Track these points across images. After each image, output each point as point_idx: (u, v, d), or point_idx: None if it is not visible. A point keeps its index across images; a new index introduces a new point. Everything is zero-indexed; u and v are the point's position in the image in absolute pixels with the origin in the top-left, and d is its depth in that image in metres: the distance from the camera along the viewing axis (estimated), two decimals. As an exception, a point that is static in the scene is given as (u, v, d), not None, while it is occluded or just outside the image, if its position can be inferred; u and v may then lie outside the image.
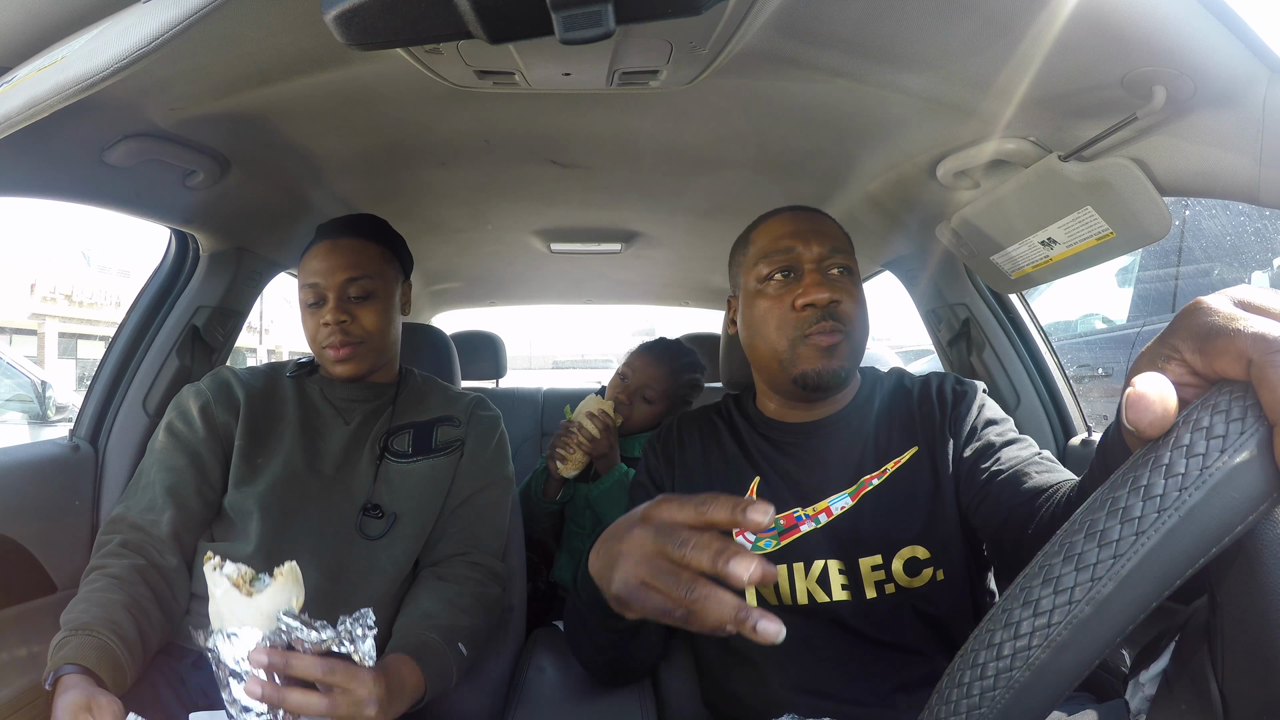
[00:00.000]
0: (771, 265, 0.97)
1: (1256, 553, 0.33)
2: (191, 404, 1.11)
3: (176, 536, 1.02)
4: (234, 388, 1.14)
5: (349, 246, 1.15)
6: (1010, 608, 0.34)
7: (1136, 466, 0.33)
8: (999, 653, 0.34)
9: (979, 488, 0.89)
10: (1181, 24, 0.64)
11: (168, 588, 0.98)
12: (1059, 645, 0.32)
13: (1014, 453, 0.90)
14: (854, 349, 0.95)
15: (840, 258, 0.97)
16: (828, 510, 0.94)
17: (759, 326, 0.98)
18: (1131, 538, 0.31)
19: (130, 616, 0.89)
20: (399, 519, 1.08)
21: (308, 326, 1.15)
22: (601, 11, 0.48)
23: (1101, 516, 0.32)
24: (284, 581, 0.74)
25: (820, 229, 0.99)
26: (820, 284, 0.93)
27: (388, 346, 1.19)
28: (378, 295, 1.15)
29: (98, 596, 0.90)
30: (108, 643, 0.84)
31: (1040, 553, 0.34)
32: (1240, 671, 0.36)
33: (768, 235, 1.01)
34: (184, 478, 1.05)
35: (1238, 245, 3.12)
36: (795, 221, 1.00)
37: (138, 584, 0.94)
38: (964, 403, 0.98)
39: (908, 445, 0.96)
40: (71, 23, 0.64)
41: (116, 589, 0.92)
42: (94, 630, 0.85)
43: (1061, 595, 0.32)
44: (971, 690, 0.34)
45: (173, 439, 1.08)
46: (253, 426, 1.10)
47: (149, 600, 0.94)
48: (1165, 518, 0.31)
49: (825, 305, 0.93)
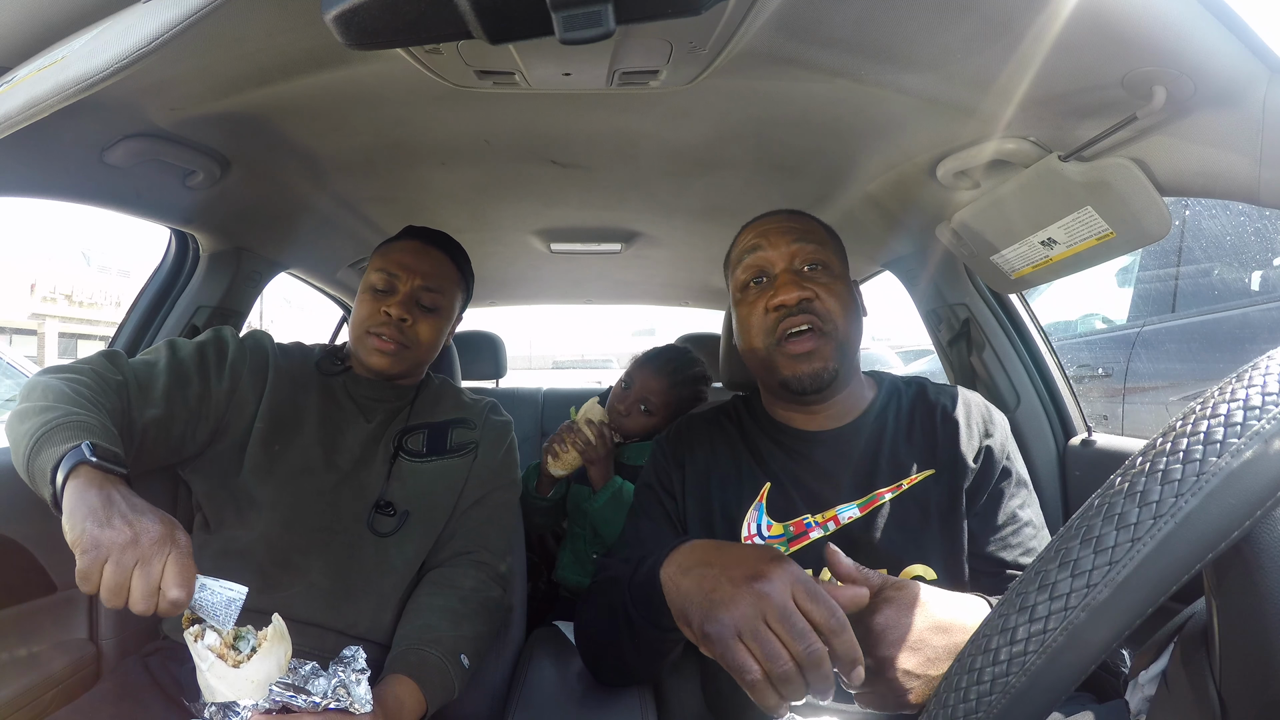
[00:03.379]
0: (747, 272, 0.99)
1: (1254, 556, 0.33)
2: (229, 350, 1.09)
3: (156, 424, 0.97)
4: (268, 362, 1.12)
5: (437, 257, 1.19)
6: (1007, 614, 0.34)
7: (1128, 469, 0.33)
8: (995, 658, 0.34)
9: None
10: (1181, 24, 0.64)
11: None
12: (1055, 651, 0.32)
13: (1010, 512, 0.92)
14: (837, 347, 0.94)
15: (813, 254, 0.96)
16: (835, 519, 0.94)
17: (743, 333, 0.99)
18: (1127, 544, 0.31)
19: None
20: (410, 517, 1.08)
21: (363, 309, 1.14)
22: (601, 11, 0.48)
23: (1098, 523, 0.32)
24: (269, 645, 0.72)
25: (791, 228, 0.99)
26: (790, 284, 0.93)
27: (426, 361, 1.22)
28: (441, 312, 1.19)
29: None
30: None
31: (1036, 558, 0.34)
32: (1238, 673, 0.36)
33: (742, 243, 1.02)
34: (184, 404, 1.01)
35: (1238, 245, 3.12)
36: (766, 225, 1.01)
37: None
38: (994, 437, 0.96)
39: (926, 465, 0.95)
40: (71, 23, 0.65)
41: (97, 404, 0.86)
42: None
43: (1057, 601, 0.32)
44: (969, 695, 0.34)
45: (200, 361, 1.05)
46: (275, 411, 1.09)
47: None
48: (1161, 524, 0.31)
49: (796, 304, 0.93)
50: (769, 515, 0.96)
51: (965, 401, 1.00)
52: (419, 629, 0.97)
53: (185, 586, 0.69)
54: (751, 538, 0.95)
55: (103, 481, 0.72)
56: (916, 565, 0.90)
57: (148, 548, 0.68)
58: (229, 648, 0.71)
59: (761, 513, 0.96)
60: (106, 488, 0.71)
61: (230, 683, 0.70)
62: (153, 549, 0.68)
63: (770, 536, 0.95)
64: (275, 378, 1.11)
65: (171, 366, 1.01)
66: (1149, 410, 3.13)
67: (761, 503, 0.97)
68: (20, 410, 0.82)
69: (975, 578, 0.90)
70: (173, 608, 0.68)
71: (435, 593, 1.03)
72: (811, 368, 0.93)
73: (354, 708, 0.75)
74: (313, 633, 0.97)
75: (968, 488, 0.92)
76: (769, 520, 0.95)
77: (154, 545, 0.68)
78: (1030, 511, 0.94)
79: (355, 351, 1.16)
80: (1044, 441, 1.52)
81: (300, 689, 0.72)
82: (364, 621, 1.01)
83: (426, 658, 0.92)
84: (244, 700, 0.70)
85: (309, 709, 0.72)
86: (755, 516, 0.96)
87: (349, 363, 1.19)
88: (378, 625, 1.01)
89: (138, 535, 0.68)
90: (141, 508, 0.71)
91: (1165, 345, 3.19)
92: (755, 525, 0.96)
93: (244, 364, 1.09)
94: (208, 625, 0.71)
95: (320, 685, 0.74)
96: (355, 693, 0.75)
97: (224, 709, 0.71)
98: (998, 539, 0.91)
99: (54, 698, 1.00)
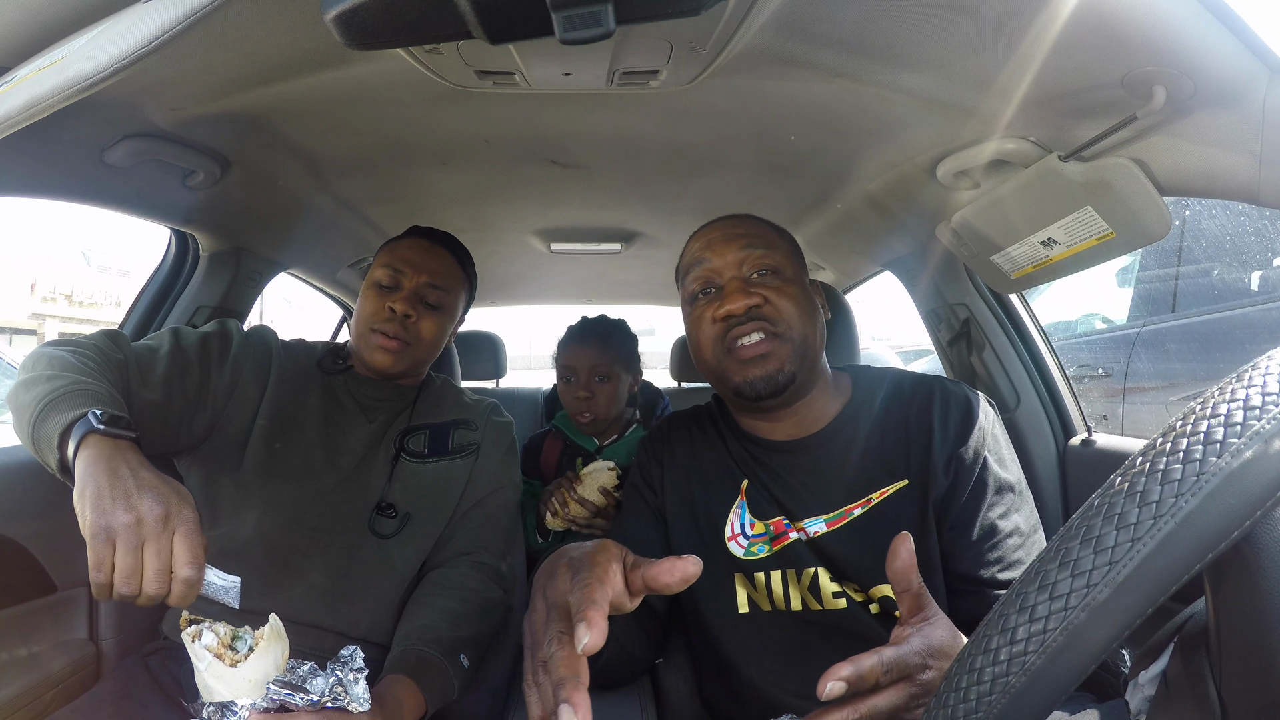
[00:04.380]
0: (695, 283, 0.96)
1: (1254, 556, 0.33)
2: (232, 343, 1.08)
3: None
4: (271, 359, 1.12)
5: (443, 256, 1.19)
6: (1007, 614, 0.34)
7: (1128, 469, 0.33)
8: (995, 658, 0.34)
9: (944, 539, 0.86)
10: (1181, 24, 0.64)
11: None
12: (1055, 651, 0.32)
13: (988, 525, 0.85)
14: (794, 350, 0.90)
15: (760, 259, 0.93)
16: (803, 530, 0.91)
17: (694, 345, 0.97)
18: (1128, 544, 0.31)
19: None
20: (411, 518, 1.08)
21: (367, 305, 1.14)
22: (601, 11, 0.48)
23: (1098, 523, 0.32)
24: (266, 645, 0.72)
25: (736, 234, 0.95)
26: (737, 292, 0.90)
27: (428, 359, 1.22)
28: (445, 310, 1.19)
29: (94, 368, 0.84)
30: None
31: (1037, 558, 0.34)
32: (1238, 673, 0.36)
33: (689, 253, 0.99)
34: (182, 392, 1.00)
35: (1238, 245, 3.12)
36: (711, 234, 0.97)
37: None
38: (968, 442, 0.87)
39: (899, 475, 0.89)
40: (71, 23, 0.65)
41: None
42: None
43: (1057, 601, 0.32)
44: (969, 695, 0.34)
45: (203, 351, 1.04)
46: (278, 408, 1.08)
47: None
48: (1161, 524, 0.31)
49: (744, 312, 0.90)
50: (751, 514, 0.95)
51: (944, 400, 0.91)
52: (418, 629, 0.97)
53: (196, 563, 0.68)
54: (735, 537, 0.95)
55: (111, 452, 0.71)
56: (886, 586, 0.84)
57: (152, 526, 0.67)
58: (226, 647, 0.71)
59: (744, 511, 0.95)
60: (115, 460, 0.70)
61: (228, 682, 0.70)
62: (158, 526, 0.67)
63: (753, 535, 0.94)
64: (278, 375, 1.10)
65: (173, 353, 1.01)
66: (1149, 410, 3.13)
67: (743, 500, 0.96)
68: (25, 380, 0.81)
69: (953, 597, 0.85)
70: (187, 587, 0.67)
71: (435, 593, 1.03)
72: (764, 370, 0.89)
73: (352, 706, 0.75)
74: (312, 634, 0.97)
75: (938, 500, 0.86)
76: (752, 519, 0.94)
77: (158, 523, 0.67)
78: (1015, 519, 0.86)
79: (358, 350, 1.16)
80: (1044, 441, 1.52)
81: (298, 687, 0.72)
82: (364, 623, 1.01)
83: (426, 658, 0.92)
84: (242, 699, 0.70)
85: (307, 707, 0.72)
86: (738, 515, 0.96)
87: (350, 362, 1.19)
88: (378, 626, 1.01)
89: (141, 516, 0.67)
90: (147, 482, 0.70)
91: (1165, 345, 3.19)
92: (739, 524, 0.95)
93: (247, 359, 1.09)
94: (205, 625, 0.71)
95: (318, 684, 0.74)
96: (353, 691, 0.75)
97: (221, 708, 0.71)
98: (971, 555, 0.84)
99: (54, 698, 1.00)
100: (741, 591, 0.93)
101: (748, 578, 0.93)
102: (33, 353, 0.86)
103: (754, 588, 0.92)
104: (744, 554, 0.93)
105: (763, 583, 0.92)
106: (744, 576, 0.93)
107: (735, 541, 0.94)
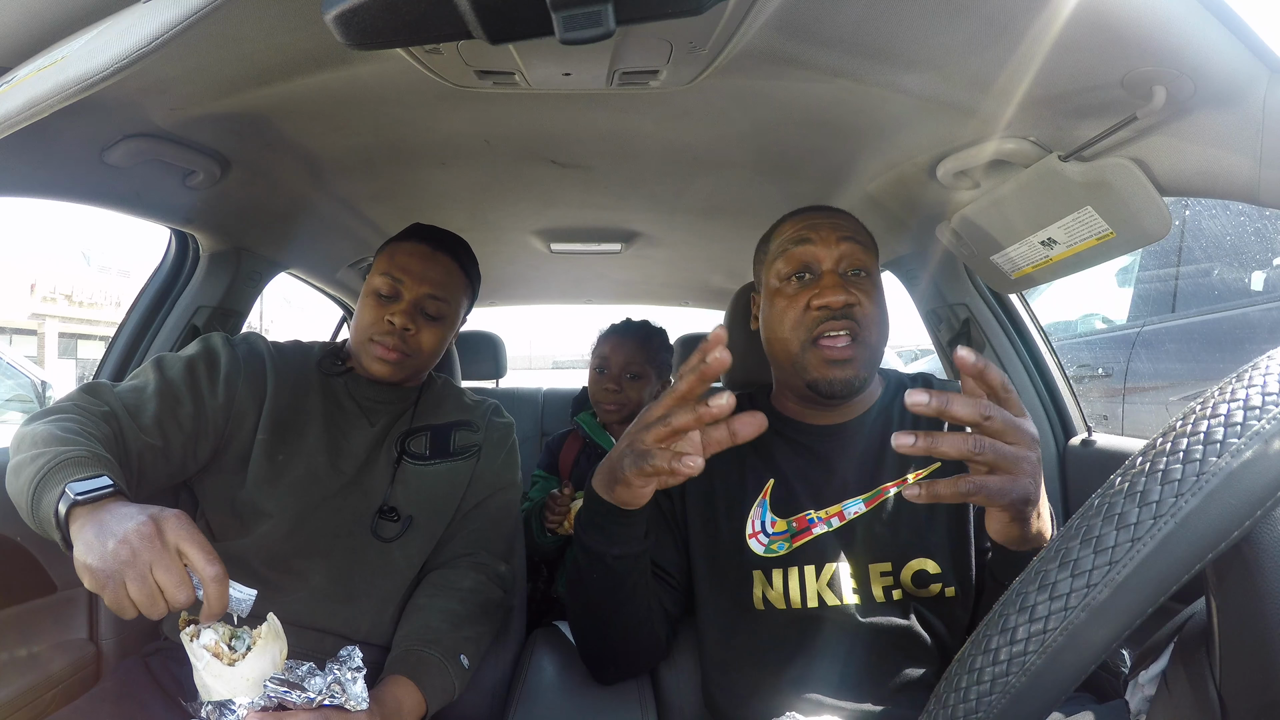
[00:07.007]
0: (790, 265, 0.96)
1: (1254, 556, 0.33)
2: (220, 361, 1.06)
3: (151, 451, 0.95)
4: (265, 367, 1.09)
5: (444, 264, 1.14)
6: (1007, 614, 0.34)
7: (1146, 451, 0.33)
8: (995, 658, 0.34)
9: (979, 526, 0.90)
10: (1181, 24, 0.64)
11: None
12: (1055, 651, 0.32)
13: None
14: (870, 356, 0.94)
15: (860, 259, 0.95)
16: (840, 514, 0.93)
17: (775, 326, 0.97)
18: (1127, 544, 0.31)
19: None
20: (414, 521, 1.07)
21: (366, 315, 1.11)
22: (601, 11, 0.48)
23: (1098, 523, 0.32)
24: (264, 643, 0.72)
25: (840, 225, 0.97)
26: (837, 286, 0.91)
27: (429, 367, 1.20)
28: (446, 320, 1.16)
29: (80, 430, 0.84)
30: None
31: (1036, 558, 0.34)
32: (1238, 673, 0.36)
33: (788, 233, 0.99)
34: (178, 428, 0.97)
35: (1238, 245, 3.12)
36: (817, 221, 0.98)
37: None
38: None
39: (931, 459, 0.93)
40: (71, 23, 0.65)
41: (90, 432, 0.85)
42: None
43: (1057, 601, 0.32)
44: (969, 695, 0.34)
45: (191, 378, 1.02)
46: (278, 417, 1.06)
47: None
48: (1161, 524, 0.31)
49: (840, 308, 0.91)
50: (772, 512, 0.96)
51: None
52: (418, 630, 0.96)
53: (212, 558, 0.69)
54: (756, 535, 0.95)
55: (93, 513, 0.72)
56: (921, 559, 0.90)
57: (149, 547, 0.68)
58: (225, 646, 0.71)
59: (765, 509, 0.96)
60: (97, 517, 0.71)
61: (226, 681, 0.70)
62: (155, 545, 0.68)
63: (774, 533, 0.95)
64: (275, 383, 1.08)
65: (161, 391, 0.98)
66: (1149, 410, 3.13)
67: (765, 499, 0.97)
68: (14, 465, 0.81)
69: (983, 573, 0.91)
70: (217, 585, 0.68)
71: (435, 594, 1.03)
72: (844, 375, 0.91)
73: (349, 705, 0.75)
74: (312, 636, 0.97)
75: None
76: (773, 517, 0.95)
77: (154, 541, 0.68)
78: None
79: (357, 355, 1.15)
80: (1044, 441, 1.51)
81: (296, 686, 0.73)
82: (364, 624, 1.00)
83: (426, 659, 0.92)
84: (240, 698, 0.71)
85: (304, 705, 0.72)
86: (759, 513, 0.96)
87: (350, 363, 1.18)
88: (378, 628, 1.01)
89: (134, 546, 0.67)
90: (128, 515, 0.70)
91: (1165, 345, 3.19)
92: (759, 522, 0.96)
93: (239, 374, 1.06)
94: (204, 625, 0.71)
95: (316, 683, 0.74)
96: (351, 690, 0.75)
97: (220, 707, 0.71)
98: None
99: (54, 698, 1.00)
100: (758, 589, 0.94)
101: (765, 575, 0.94)
102: (15, 435, 0.86)
103: (770, 585, 0.93)
104: (764, 551, 0.94)
105: (780, 580, 0.93)
106: (762, 574, 0.94)
107: (756, 539, 0.95)
